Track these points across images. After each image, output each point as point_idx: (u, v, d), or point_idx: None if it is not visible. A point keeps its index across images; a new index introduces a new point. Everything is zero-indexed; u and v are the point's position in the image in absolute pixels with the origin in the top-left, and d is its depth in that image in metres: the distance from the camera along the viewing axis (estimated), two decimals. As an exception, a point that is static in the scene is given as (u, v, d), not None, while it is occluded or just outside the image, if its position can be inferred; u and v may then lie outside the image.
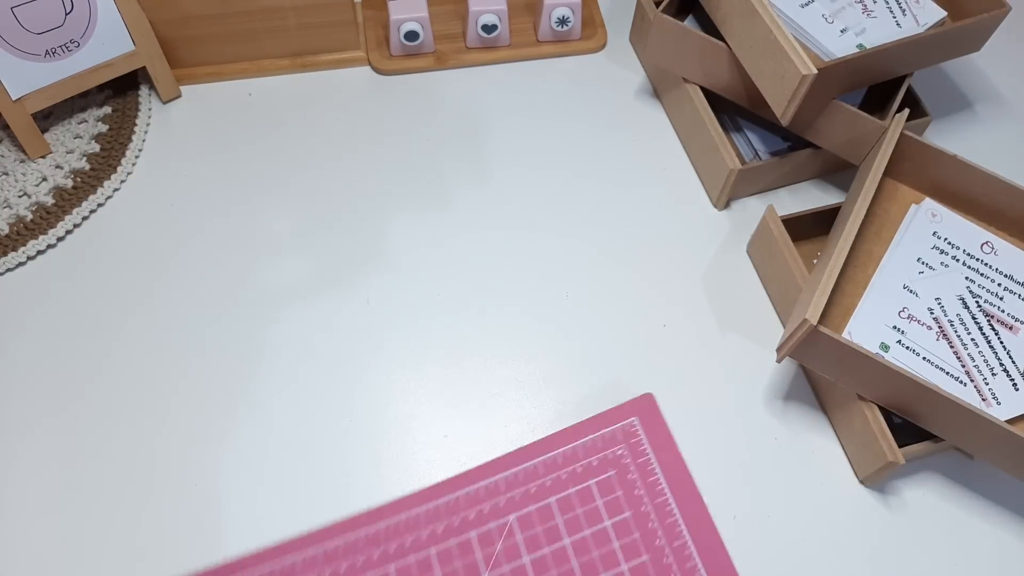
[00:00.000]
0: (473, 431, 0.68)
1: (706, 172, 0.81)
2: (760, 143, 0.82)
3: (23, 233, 0.76)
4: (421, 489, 0.64)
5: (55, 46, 0.77)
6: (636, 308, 0.75)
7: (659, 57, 0.81)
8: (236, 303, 0.74)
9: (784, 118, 0.71)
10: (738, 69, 0.76)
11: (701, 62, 0.78)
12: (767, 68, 0.71)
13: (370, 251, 0.77)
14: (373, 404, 0.69)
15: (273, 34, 0.85)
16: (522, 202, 0.81)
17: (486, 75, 0.90)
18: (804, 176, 0.83)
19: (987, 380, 0.65)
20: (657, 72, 0.88)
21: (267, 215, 0.79)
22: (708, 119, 0.79)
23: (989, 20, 0.76)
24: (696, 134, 0.81)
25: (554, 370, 0.72)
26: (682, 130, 0.85)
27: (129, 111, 0.84)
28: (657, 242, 0.79)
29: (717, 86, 0.79)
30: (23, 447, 0.66)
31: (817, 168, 0.82)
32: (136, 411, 0.68)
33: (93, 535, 0.63)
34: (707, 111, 0.79)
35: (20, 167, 0.80)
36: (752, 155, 0.82)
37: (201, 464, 0.66)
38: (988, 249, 0.72)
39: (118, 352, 0.71)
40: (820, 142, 0.77)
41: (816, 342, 0.62)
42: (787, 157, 0.79)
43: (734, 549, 0.64)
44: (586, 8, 0.91)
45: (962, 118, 0.89)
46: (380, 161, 0.83)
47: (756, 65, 0.72)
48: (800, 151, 0.79)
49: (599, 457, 0.66)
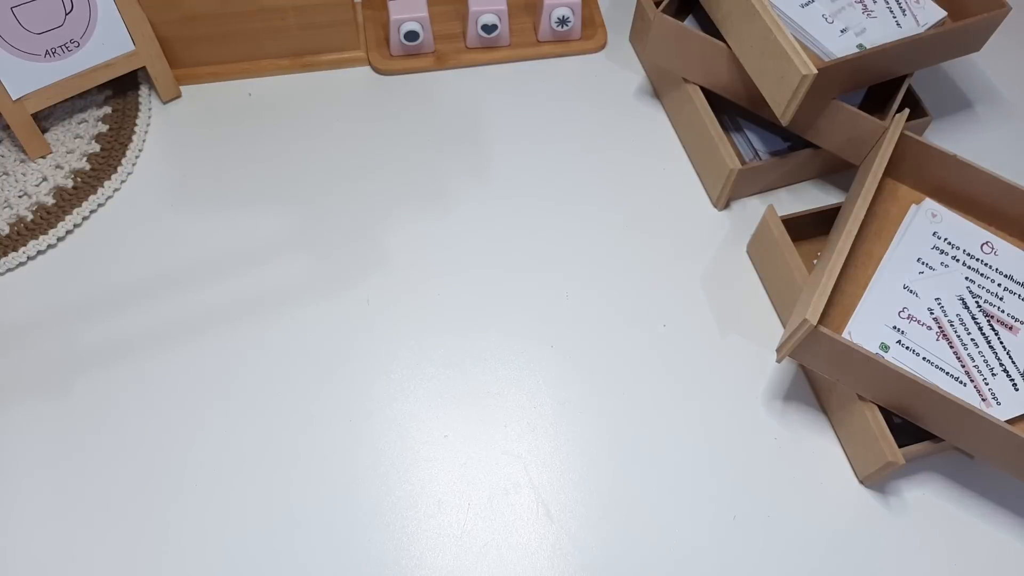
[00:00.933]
0: (473, 431, 0.68)
1: (706, 172, 0.81)
2: (760, 143, 0.82)
3: (23, 233, 0.76)
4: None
5: (55, 46, 0.77)
6: (636, 308, 0.75)
7: (659, 57, 0.81)
8: (236, 303, 0.74)
9: (784, 118, 0.71)
10: (738, 69, 0.76)
11: (701, 62, 0.78)
12: (767, 68, 0.71)
13: (370, 251, 0.77)
14: (373, 404, 0.69)
15: (273, 34, 0.85)
16: (522, 202, 0.81)
17: (486, 75, 0.90)
18: (804, 176, 0.83)
19: (987, 380, 0.65)
20: (657, 72, 0.88)
21: (267, 215, 0.79)
22: (708, 119, 0.79)
23: (989, 20, 0.76)
24: (696, 134, 0.81)
25: (554, 370, 0.72)
26: (682, 130, 0.85)
27: (129, 111, 0.84)
28: (657, 242, 0.79)
29: (717, 86, 0.79)
30: (22, 447, 0.66)
31: (817, 168, 0.82)
32: (136, 411, 0.68)
33: (92, 535, 0.63)
34: (707, 111, 0.79)
35: (20, 167, 0.80)
36: (752, 155, 0.82)
37: (200, 463, 0.66)
38: (988, 249, 0.72)
39: (118, 352, 0.71)
40: (820, 142, 0.77)
41: (816, 342, 0.62)
42: (787, 157, 0.79)
43: (734, 549, 0.64)
44: (586, 8, 0.91)
45: (962, 118, 0.89)
46: (380, 161, 0.83)
47: (756, 65, 0.72)
48: (800, 151, 0.79)
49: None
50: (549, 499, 0.66)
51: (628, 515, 0.65)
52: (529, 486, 0.66)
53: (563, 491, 0.66)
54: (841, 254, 0.64)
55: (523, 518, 0.65)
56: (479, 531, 0.64)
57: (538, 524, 0.65)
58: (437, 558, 0.63)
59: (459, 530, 0.64)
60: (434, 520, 0.65)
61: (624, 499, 0.66)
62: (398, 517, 0.65)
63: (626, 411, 0.70)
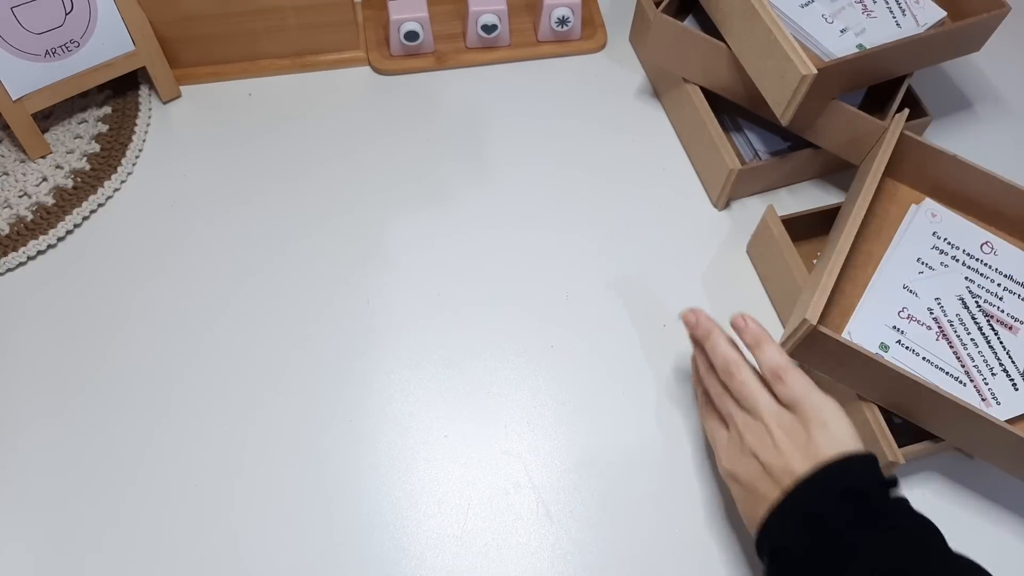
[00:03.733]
0: (473, 431, 0.68)
1: (706, 172, 0.81)
2: (760, 143, 0.82)
3: (23, 233, 0.76)
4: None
5: (55, 46, 0.77)
6: (636, 308, 0.75)
7: (659, 57, 0.81)
8: (236, 303, 0.74)
9: (784, 118, 0.71)
10: (738, 69, 0.76)
11: (701, 62, 0.78)
12: (767, 68, 0.71)
13: (370, 251, 0.77)
14: (373, 404, 0.69)
15: (273, 34, 0.85)
16: (522, 202, 0.81)
17: (486, 75, 0.90)
18: (804, 176, 0.83)
19: (987, 380, 0.65)
20: (657, 72, 0.88)
21: (267, 215, 0.79)
22: (708, 119, 0.79)
23: (989, 20, 0.76)
24: (696, 134, 0.81)
25: (554, 370, 0.72)
26: (682, 130, 0.85)
27: (129, 111, 0.84)
28: (657, 242, 0.79)
29: (717, 86, 0.79)
30: (21, 445, 0.66)
31: (817, 168, 0.82)
32: (135, 411, 0.68)
33: (93, 535, 0.63)
34: (707, 111, 0.79)
35: (20, 167, 0.80)
36: (752, 155, 0.82)
37: (200, 463, 0.66)
38: (988, 249, 0.72)
39: (118, 352, 0.71)
40: (820, 142, 0.77)
41: (816, 342, 0.62)
42: (787, 157, 0.79)
43: (736, 549, 0.64)
44: (586, 8, 0.91)
45: (962, 118, 0.89)
46: (380, 161, 0.83)
47: (756, 65, 0.72)
48: (800, 151, 0.79)
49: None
50: (549, 499, 0.66)
51: (628, 515, 0.65)
52: (529, 486, 0.66)
53: (563, 491, 0.66)
54: (841, 254, 0.64)
55: (523, 518, 0.65)
56: (479, 531, 0.64)
57: (538, 524, 0.65)
58: (437, 558, 0.63)
59: (459, 530, 0.64)
60: (434, 520, 0.65)
61: (624, 499, 0.66)
62: (398, 517, 0.65)
63: (626, 412, 0.70)
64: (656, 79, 0.89)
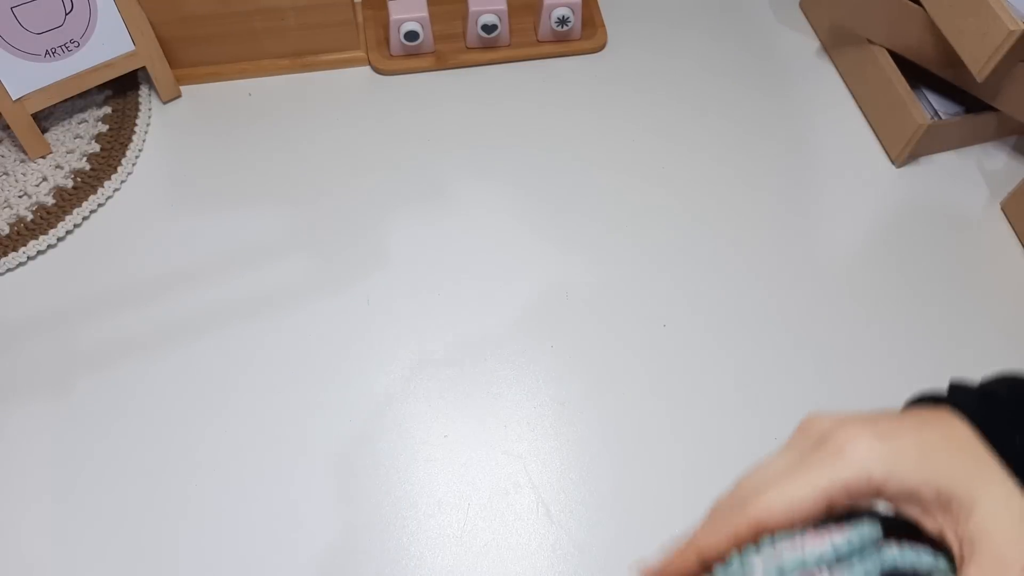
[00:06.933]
0: (473, 431, 0.68)
1: (885, 128, 0.84)
2: (941, 104, 0.84)
3: (23, 233, 0.76)
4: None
5: (55, 46, 0.77)
6: (636, 308, 0.75)
7: (844, 18, 0.84)
8: (236, 303, 0.74)
9: (980, 75, 0.71)
10: (927, 30, 0.77)
11: (887, 24, 0.80)
12: (967, 26, 0.71)
13: (370, 251, 0.77)
14: (373, 404, 0.69)
15: (273, 34, 0.85)
16: (521, 202, 0.81)
17: (486, 75, 0.90)
18: (979, 139, 0.85)
19: None
20: (833, 34, 0.91)
21: (267, 215, 0.79)
22: (895, 78, 0.81)
23: None
24: (880, 94, 0.84)
25: (554, 370, 0.72)
26: (859, 91, 0.88)
27: (129, 111, 0.84)
28: (656, 242, 0.79)
29: (901, 46, 0.82)
30: (22, 446, 0.66)
31: (991, 132, 0.84)
32: (136, 409, 0.68)
33: (92, 535, 0.63)
34: (894, 70, 0.82)
35: (20, 167, 0.80)
36: (932, 114, 0.83)
37: (200, 463, 0.66)
38: None
39: (118, 351, 0.71)
40: (1003, 106, 0.78)
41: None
42: (975, 116, 0.81)
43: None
44: (586, 8, 0.91)
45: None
46: (380, 161, 0.83)
47: (954, 24, 0.73)
48: (983, 113, 0.81)
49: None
50: (549, 499, 0.66)
51: (628, 515, 0.65)
52: (529, 486, 0.66)
53: (563, 491, 0.66)
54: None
55: (523, 518, 0.65)
56: (479, 531, 0.64)
57: (538, 524, 0.65)
58: (437, 558, 0.63)
59: (459, 530, 0.64)
60: (434, 520, 0.65)
61: (624, 499, 0.66)
62: (398, 517, 0.65)
63: (626, 411, 0.70)
64: (830, 42, 0.92)
